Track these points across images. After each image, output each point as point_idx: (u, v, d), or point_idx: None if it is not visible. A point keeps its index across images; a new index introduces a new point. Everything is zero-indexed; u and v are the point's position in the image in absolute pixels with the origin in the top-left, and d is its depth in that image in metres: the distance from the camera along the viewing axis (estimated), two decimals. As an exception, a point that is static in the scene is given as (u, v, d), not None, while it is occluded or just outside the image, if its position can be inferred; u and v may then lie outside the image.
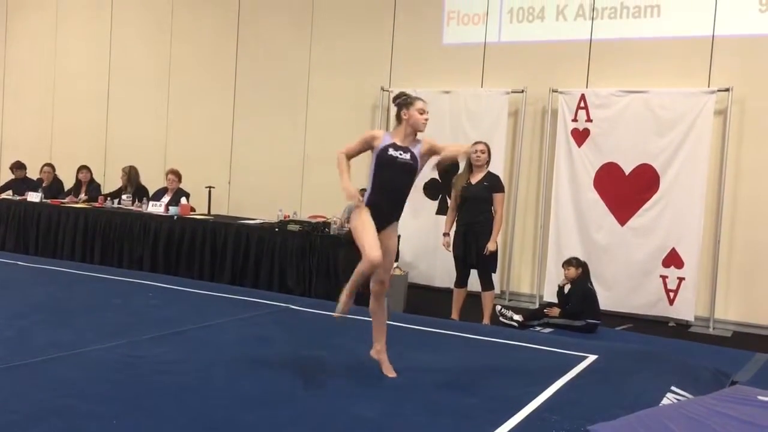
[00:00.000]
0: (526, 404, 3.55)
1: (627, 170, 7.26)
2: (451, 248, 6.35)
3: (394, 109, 4.01)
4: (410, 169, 3.81)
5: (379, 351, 4.02)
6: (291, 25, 9.28)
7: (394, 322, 4.99)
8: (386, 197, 3.86)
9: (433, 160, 3.94)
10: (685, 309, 6.99)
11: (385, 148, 3.84)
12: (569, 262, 6.47)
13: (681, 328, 6.98)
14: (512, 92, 7.84)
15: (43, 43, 11.08)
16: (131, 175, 8.91)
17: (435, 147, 3.88)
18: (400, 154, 3.80)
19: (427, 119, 3.88)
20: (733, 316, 7.05)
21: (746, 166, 7.02)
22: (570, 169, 7.51)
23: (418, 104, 3.88)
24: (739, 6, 7.01)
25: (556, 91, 7.61)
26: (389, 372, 3.97)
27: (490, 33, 8.12)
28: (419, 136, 3.91)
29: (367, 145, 3.90)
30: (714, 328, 6.96)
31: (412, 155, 3.81)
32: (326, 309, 5.54)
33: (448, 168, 4.20)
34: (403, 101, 3.92)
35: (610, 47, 7.54)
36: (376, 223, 3.79)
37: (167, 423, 3.12)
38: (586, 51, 7.63)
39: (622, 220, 7.27)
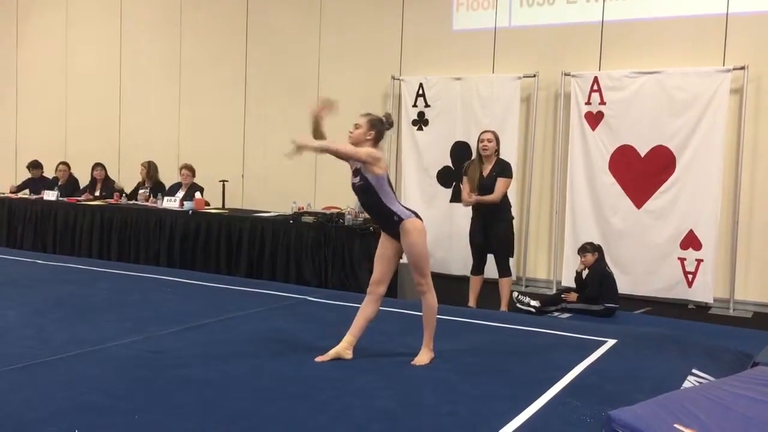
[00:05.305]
0: (546, 390, 3.54)
1: (642, 152, 7.20)
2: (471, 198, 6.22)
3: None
4: (362, 189, 3.98)
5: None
6: (300, 17, 9.26)
7: (410, 311, 5.02)
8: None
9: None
10: (705, 291, 6.94)
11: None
12: (584, 249, 6.41)
13: (701, 310, 6.92)
14: (524, 77, 7.77)
15: (54, 43, 11.12)
16: (150, 169, 8.98)
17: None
18: (353, 179, 4.05)
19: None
20: (754, 296, 6.99)
21: (763, 145, 6.93)
22: (584, 153, 7.45)
23: None
24: (753, -18, 6.91)
25: (569, 75, 7.54)
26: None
27: (500, 18, 8.05)
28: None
29: None
30: (734, 310, 6.90)
31: (360, 176, 3.98)
32: (343, 300, 5.57)
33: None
34: None
35: (622, 28, 7.45)
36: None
37: (188, 417, 3.14)
38: (598, 33, 7.55)
39: (639, 202, 7.21)
